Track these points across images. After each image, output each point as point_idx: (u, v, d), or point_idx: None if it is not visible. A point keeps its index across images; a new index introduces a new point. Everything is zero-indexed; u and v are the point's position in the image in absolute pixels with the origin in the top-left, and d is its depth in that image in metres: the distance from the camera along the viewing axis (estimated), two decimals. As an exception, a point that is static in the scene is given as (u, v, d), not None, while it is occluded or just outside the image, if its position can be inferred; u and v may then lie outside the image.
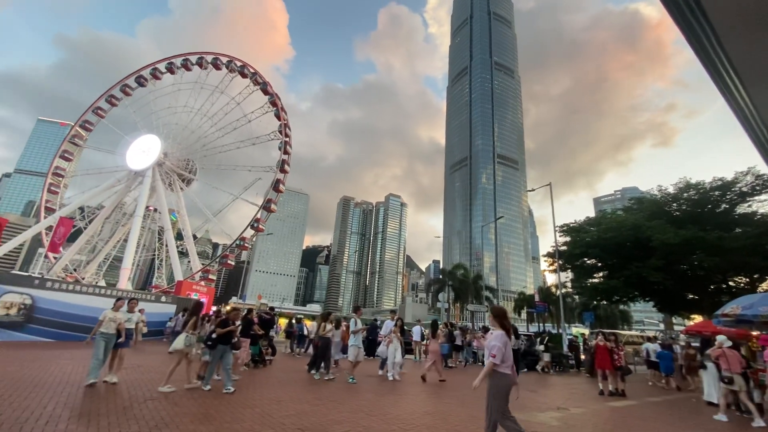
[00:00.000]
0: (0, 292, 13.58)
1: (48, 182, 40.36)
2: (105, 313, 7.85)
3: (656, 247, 21.25)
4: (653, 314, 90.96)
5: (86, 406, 5.82)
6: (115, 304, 8.23)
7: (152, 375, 9.09)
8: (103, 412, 5.54)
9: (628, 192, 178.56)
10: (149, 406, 6.07)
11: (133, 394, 6.82)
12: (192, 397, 6.95)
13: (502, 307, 5.22)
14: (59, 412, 5.42)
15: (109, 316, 7.79)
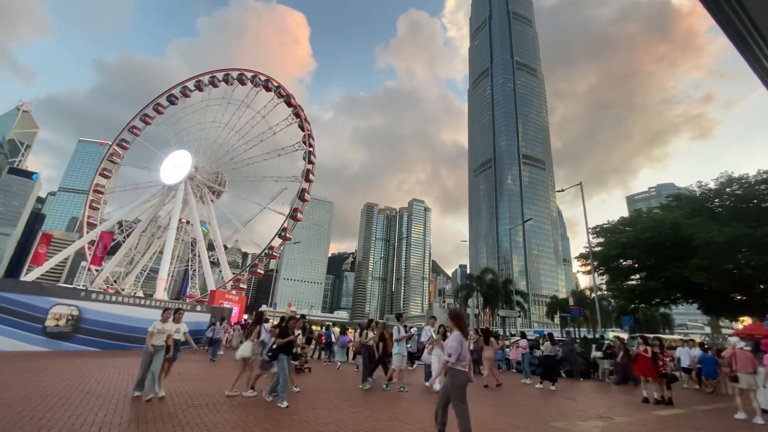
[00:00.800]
0: (49, 305, 14.36)
1: (89, 199, 42.73)
2: (154, 325, 7.54)
3: (699, 246, 20.09)
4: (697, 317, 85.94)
5: (134, 413, 6.04)
6: (163, 315, 7.87)
7: (193, 383, 9.35)
8: (150, 419, 5.75)
9: (663, 189, 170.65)
10: (192, 413, 6.25)
11: (176, 402, 7.03)
12: (233, 405, 7.10)
13: (458, 310, 5.75)
14: (110, 418, 5.66)
15: (158, 328, 7.52)
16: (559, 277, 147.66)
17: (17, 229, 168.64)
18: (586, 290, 61.28)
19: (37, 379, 8.34)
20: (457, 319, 5.28)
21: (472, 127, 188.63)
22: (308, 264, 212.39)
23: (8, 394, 6.65)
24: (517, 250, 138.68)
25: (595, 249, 26.60)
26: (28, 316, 13.60)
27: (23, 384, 7.65)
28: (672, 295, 24.98)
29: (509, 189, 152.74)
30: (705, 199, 24.25)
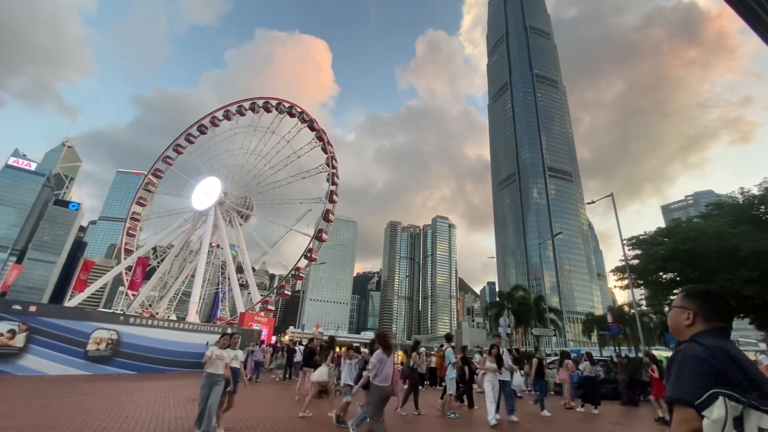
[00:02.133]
0: (91, 329, 14.95)
1: (126, 226, 44.85)
2: (211, 350, 6.62)
3: (747, 256, 18.78)
4: (750, 332, 79.75)
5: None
6: (221, 340, 6.97)
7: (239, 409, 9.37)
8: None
9: (702, 197, 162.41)
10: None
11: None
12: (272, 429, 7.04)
13: (382, 331, 6.59)
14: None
15: (216, 353, 6.56)
16: (593, 293, 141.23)
17: (61, 257, 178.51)
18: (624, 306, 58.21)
19: (80, 402, 8.60)
20: (380, 338, 5.94)
21: (494, 141, 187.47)
22: (334, 284, 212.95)
23: (54, 418, 6.87)
24: (547, 266, 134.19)
25: (631, 262, 25.34)
26: (71, 340, 14.18)
27: (67, 408, 7.89)
28: (720, 309, 23.32)
29: (535, 202, 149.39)
30: (749, 206, 22.80)
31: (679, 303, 1.83)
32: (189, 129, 46.63)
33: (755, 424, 1.28)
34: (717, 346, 1.55)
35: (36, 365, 13.09)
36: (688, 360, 1.54)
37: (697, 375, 1.47)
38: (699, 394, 1.41)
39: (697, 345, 1.58)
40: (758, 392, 1.36)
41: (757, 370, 1.51)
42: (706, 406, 1.37)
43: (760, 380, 1.43)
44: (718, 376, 1.44)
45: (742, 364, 1.49)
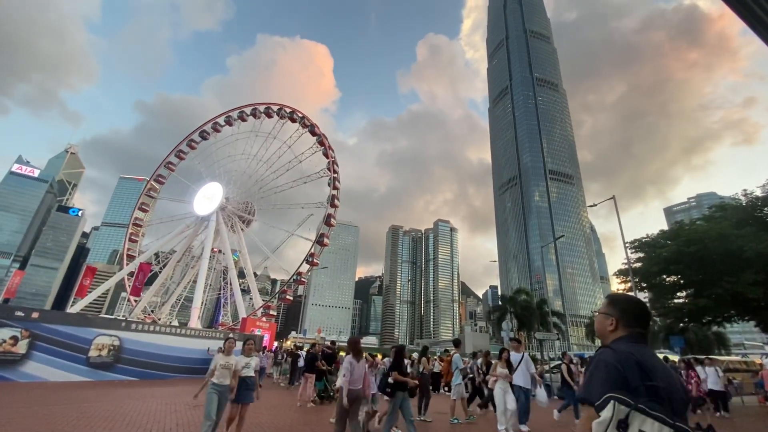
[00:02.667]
0: (93, 335, 14.92)
1: (129, 232, 44.96)
2: (215, 359, 6.24)
3: (751, 258, 18.67)
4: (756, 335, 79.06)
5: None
6: (225, 345, 6.52)
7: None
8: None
9: (704, 198, 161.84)
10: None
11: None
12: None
13: (353, 338, 6.60)
14: (149, 450, 5.69)
15: (221, 362, 6.15)
16: (596, 296, 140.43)
17: (64, 263, 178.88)
18: (627, 309, 57.84)
19: (82, 409, 8.57)
20: (351, 345, 6.31)
21: (495, 144, 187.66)
22: (336, 289, 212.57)
23: (56, 425, 6.85)
24: (550, 269, 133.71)
25: (634, 265, 25.23)
26: (73, 346, 14.15)
27: (69, 414, 7.87)
28: (725, 312, 23.13)
29: (537, 206, 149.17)
30: (752, 207, 22.72)
31: (603, 310, 1.97)
32: (191, 135, 46.84)
33: (638, 426, 1.41)
34: (628, 352, 1.68)
35: (38, 372, 13.07)
36: (599, 365, 1.70)
37: (604, 380, 1.62)
38: (600, 394, 1.56)
39: (611, 351, 1.73)
40: (651, 397, 1.49)
41: (665, 376, 1.63)
42: (602, 407, 1.52)
43: (660, 387, 1.55)
44: (621, 381, 1.57)
45: (647, 369, 1.60)
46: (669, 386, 1.59)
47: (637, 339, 1.79)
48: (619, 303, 1.93)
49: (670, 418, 1.42)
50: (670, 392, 1.56)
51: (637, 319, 1.86)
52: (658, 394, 1.53)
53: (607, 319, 1.91)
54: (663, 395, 1.53)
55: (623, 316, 1.87)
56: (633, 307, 1.91)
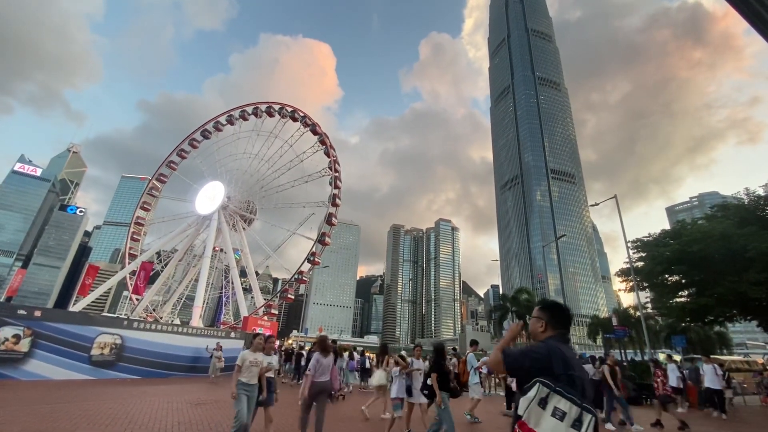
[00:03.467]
0: (95, 334, 14.96)
1: (131, 231, 45.05)
2: (243, 356, 5.84)
3: (754, 258, 18.57)
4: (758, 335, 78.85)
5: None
6: (254, 341, 6.21)
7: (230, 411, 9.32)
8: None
9: (707, 198, 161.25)
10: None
11: (215, 430, 7.03)
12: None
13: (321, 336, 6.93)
14: (151, 448, 5.70)
15: (249, 360, 5.81)
16: (598, 296, 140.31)
17: (66, 262, 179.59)
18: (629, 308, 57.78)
19: (84, 407, 8.60)
20: (319, 343, 6.81)
21: (496, 144, 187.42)
22: (337, 288, 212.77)
23: (57, 423, 6.87)
24: (551, 269, 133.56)
25: (636, 264, 25.16)
26: (76, 345, 14.19)
27: (71, 413, 7.89)
28: (727, 312, 23.03)
29: (539, 205, 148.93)
30: (755, 207, 22.61)
31: (536, 314, 2.39)
32: (193, 134, 46.89)
33: (554, 404, 1.86)
34: (556, 346, 2.12)
35: (40, 370, 13.11)
36: (531, 352, 2.13)
37: (532, 360, 2.06)
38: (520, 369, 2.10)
39: (543, 345, 2.17)
40: (568, 384, 1.93)
41: (580, 369, 2.07)
42: (529, 388, 1.96)
43: (576, 376, 1.99)
44: (547, 369, 1.99)
45: (568, 361, 2.03)
46: (582, 377, 2.03)
47: (562, 338, 2.25)
48: (548, 308, 2.37)
49: (580, 400, 1.87)
50: (582, 381, 2.01)
51: (562, 322, 2.31)
52: (574, 381, 1.96)
53: (539, 322, 2.34)
54: (577, 383, 1.96)
55: (551, 319, 2.31)
56: (559, 312, 2.34)
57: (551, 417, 1.84)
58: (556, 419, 1.82)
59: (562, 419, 1.81)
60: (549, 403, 1.86)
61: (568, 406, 1.84)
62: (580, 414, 1.82)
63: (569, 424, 1.80)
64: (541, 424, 1.83)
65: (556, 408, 1.84)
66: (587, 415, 1.83)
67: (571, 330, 16.36)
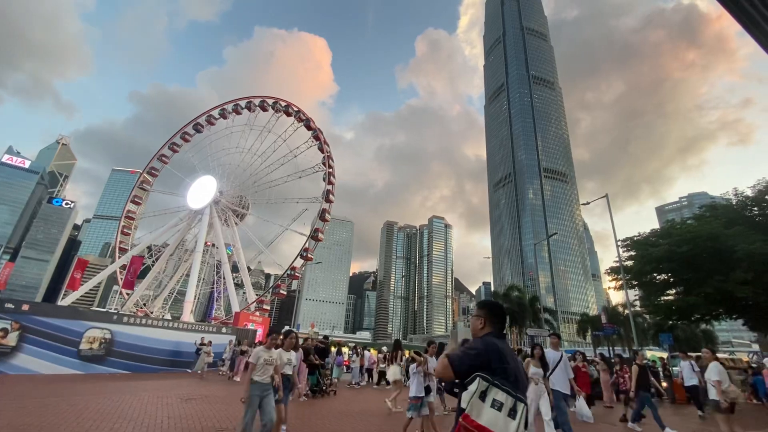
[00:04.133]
0: (84, 328, 14.82)
1: (121, 225, 44.50)
2: (257, 353, 5.50)
3: (741, 258, 18.92)
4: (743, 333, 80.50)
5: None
6: (270, 339, 5.88)
7: (220, 405, 9.35)
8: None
9: (696, 198, 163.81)
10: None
11: (205, 425, 7.03)
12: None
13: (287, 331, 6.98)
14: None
15: (264, 357, 5.46)
16: (588, 294, 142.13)
17: (55, 256, 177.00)
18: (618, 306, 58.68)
19: (72, 402, 8.53)
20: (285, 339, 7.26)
21: (490, 142, 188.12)
22: (330, 284, 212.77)
23: (46, 418, 6.81)
24: (542, 266, 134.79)
25: (626, 263, 25.52)
26: (64, 339, 14.06)
27: (59, 407, 7.83)
28: (714, 310, 23.49)
29: (531, 203, 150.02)
30: (742, 207, 23.02)
31: (475, 312, 2.58)
32: (185, 127, 46.32)
33: (492, 396, 2.05)
34: (493, 342, 2.31)
35: (28, 364, 12.97)
36: (472, 349, 2.29)
37: (473, 358, 2.21)
38: (466, 369, 2.19)
39: (481, 341, 2.35)
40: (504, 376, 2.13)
41: (514, 361, 2.26)
42: (470, 382, 2.13)
43: (511, 368, 2.19)
44: (486, 363, 2.17)
45: (504, 355, 2.23)
46: (516, 369, 2.23)
47: (498, 333, 2.45)
48: (486, 307, 2.55)
49: (514, 391, 2.08)
50: (516, 372, 2.20)
51: (499, 319, 2.50)
52: (508, 373, 2.16)
53: (478, 320, 2.53)
54: (510, 374, 2.16)
55: (489, 317, 2.50)
56: (496, 310, 2.53)
57: (490, 408, 2.03)
58: (495, 410, 2.02)
59: (500, 409, 2.02)
60: (488, 396, 2.06)
61: (504, 397, 2.04)
62: (514, 404, 2.04)
63: (506, 413, 2.00)
64: (482, 416, 2.02)
65: (495, 399, 2.05)
66: (520, 404, 2.05)
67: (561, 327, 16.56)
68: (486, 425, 2.00)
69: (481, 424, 2.01)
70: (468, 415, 2.06)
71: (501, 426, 1.99)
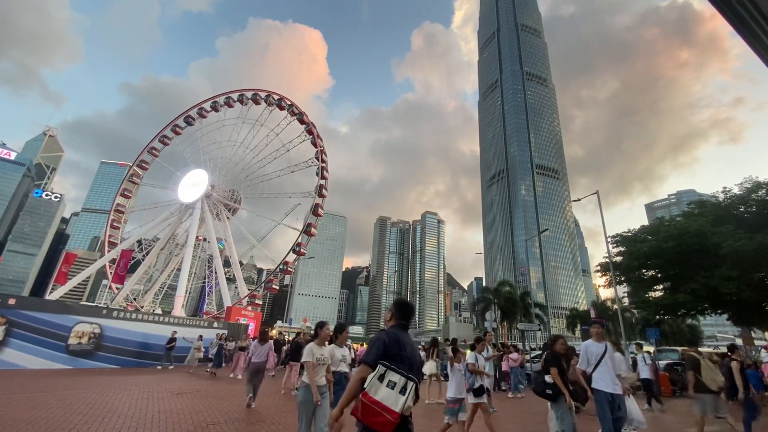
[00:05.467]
0: (73, 323, 14.65)
1: (110, 219, 43.89)
2: (311, 350, 4.73)
3: (727, 254, 19.31)
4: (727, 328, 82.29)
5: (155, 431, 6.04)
6: (320, 332, 5.01)
7: (211, 400, 9.33)
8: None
9: (684, 195, 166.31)
10: (212, 431, 6.22)
11: (196, 419, 7.01)
12: (252, 422, 7.03)
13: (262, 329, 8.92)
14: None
15: (318, 355, 4.75)
16: (578, 289, 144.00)
17: (42, 249, 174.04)
18: (607, 301, 59.56)
19: (61, 396, 8.45)
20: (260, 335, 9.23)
21: (483, 138, 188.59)
22: (322, 279, 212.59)
23: (34, 412, 6.74)
24: (534, 262, 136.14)
25: (615, 259, 25.86)
26: (52, 334, 13.89)
27: (48, 402, 7.76)
28: (699, 306, 23.97)
29: (523, 199, 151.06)
30: (730, 205, 23.42)
31: (389, 308, 3.05)
32: (176, 119, 45.69)
33: (388, 378, 2.49)
34: (395, 333, 2.79)
35: (16, 359, 12.80)
36: (377, 341, 2.75)
37: (377, 349, 2.67)
38: (374, 360, 2.60)
39: (385, 333, 2.80)
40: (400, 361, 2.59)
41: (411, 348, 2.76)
42: (375, 368, 2.55)
43: (406, 355, 2.67)
44: (386, 351, 2.63)
45: (403, 344, 2.71)
46: (411, 355, 2.70)
47: (401, 326, 2.91)
48: (395, 304, 3.02)
49: (408, 373, 2.52)
50: (411, 359, 2.68)
51: (404, 314, 2.96)
52: (402, 359, 2.61)
53: (389, 314, 3.03)
54: (405, 360, 2.62)
55: (396, 312, 2.96)
56: (402, 307, 3.00)
57: (386, 387, 2.47)
58: (389, 388, 2.46)
59: (393, 388, 2.46)
60: (385, 378, 2.50)
61: (398, 378, 2.48)
62: (405, 383, 2.48)
63: (398, 391, 2.45)
64: (378, 393, 2.45)
65: (390, 381, 2.49)
66: (410, 383, 2.49)
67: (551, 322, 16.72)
68: (380, 400, 2.43)
69: (377, 399, 2.44)
70: (367, 393, 2.47)
71: (392, 401, 2.42)
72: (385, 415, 2.38)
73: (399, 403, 2.40)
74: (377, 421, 2.40)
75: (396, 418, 2.38)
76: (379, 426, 2.39)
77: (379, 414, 2.39)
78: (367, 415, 2.42)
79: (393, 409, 2.39)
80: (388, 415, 2.38)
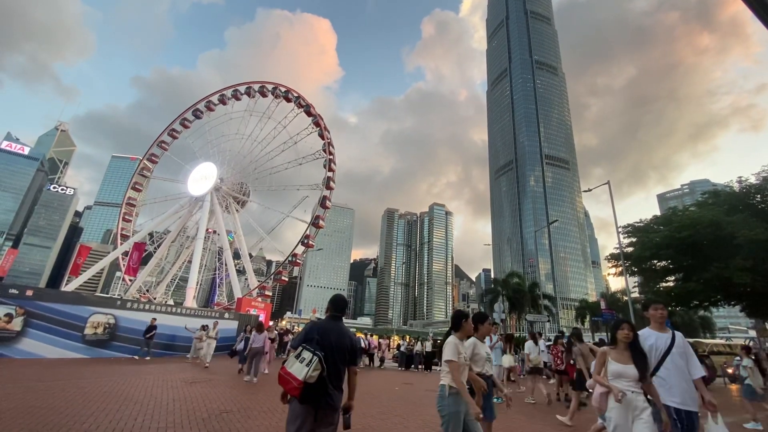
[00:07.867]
0: (88, 313, 14.98)
1: (122, 212, 44.51)
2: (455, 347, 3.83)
3: (742, 245, 18.93)
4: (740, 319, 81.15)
5: (170, 418, 6.19)
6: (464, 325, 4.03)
7: (223, 389, 9.52)
8: (185, 424, 5.87)
9: (698, 185, 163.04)
10: (225, 419, 6.35)
11: (210, 407, 7.17)
12: (263, 411, 7.16)
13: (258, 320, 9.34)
14: (148, 423, 5.82)
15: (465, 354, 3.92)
16: (587, 280, 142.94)
17: (57, 242, 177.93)
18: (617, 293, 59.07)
19: (79, 385, 8.68)
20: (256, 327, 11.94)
21: (492, 128, 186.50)
22: (331, 270, 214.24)
23: (53, 400, 6.94)
24: (542, 253, 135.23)
25: (626, 249, 25.57)
26: (69, 324, 14.23)
27: (66, 390, 7.98)
28: (712, 297, 23.63)
29: (532, 190, 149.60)
30: (745, 194, 22.90)
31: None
32: (184, 113, 45.88)
33: (302, 355, 3.10)
34: (320, 322, 3.47)
35: (34, 348, 13.16)
36: (302, 330, 3.53)
37: (300, 335, 3.43)
38: (297, 343, 3.28)
39: (311, 323, 3.49)
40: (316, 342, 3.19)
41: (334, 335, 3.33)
42: (299, 351, 3.16)
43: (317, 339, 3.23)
44: (308, 335, 3.29)
45: (322, 330, 3.33)
46: (322, 339, 3.24)
47: (332, 317, 3.54)
48: (330, 302, 3.62)
49: (317, 351, 3.10)
50: (322, 341, 3.22)
51: (336, 308, 3.58)
52: (319, 342, 3.20)
53: (328, 306, 3.64)
54: (319, 342, 3.20)
55: (330, 307, 3.61)
56: (335, 302, 3.60)
57: (298, 362, 3.08)
58: (299, 362, 3.07)
59: (302, 362, 3.06)
60: (301, 355, 3.11)
61: (308, 355, 3.09)
62: (311, 358, 3.05)
63: (305, 364, 3.05)
64: (291, 366, 3.08)
65: (302, 357, 3.10)
66: (315, 357, 3.06)
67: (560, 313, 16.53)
68: (291, 371, 3.05)
69: (289, 371, 3.06)
70: (284, 367, 3.12)
71: (297, 371, 3.03)
72: (292, 382, 3.02)
73: (302, 373, 3.00)
74: (288, 387, 3.07)
75: (299, 384, 3.00)
76: (290, 390, 3.06)
77: (289, 381, 3.04)
78: (283, 383, 3.09)
79: (297, 377, 3.01)
80: (293, 381, 3.01)
